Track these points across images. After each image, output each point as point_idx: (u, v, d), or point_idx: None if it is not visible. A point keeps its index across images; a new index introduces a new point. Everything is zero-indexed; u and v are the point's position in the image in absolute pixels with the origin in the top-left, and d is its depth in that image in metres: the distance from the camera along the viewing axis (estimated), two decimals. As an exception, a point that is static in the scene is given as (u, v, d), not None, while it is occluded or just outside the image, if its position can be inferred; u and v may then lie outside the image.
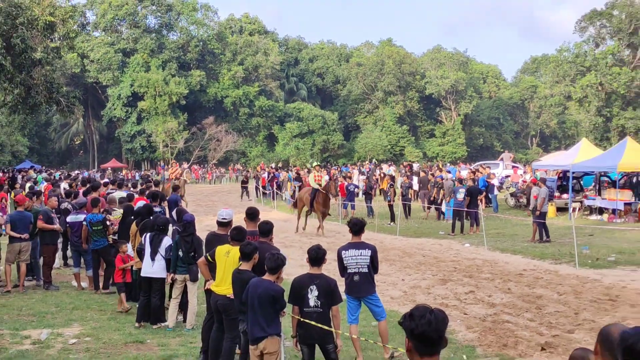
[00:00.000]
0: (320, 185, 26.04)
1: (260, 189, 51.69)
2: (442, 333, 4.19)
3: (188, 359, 11.46)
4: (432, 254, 23.59)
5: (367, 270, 11.17)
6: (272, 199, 46.82)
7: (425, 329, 4.14)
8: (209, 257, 10.93)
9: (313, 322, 9.04)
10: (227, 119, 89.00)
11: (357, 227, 11.56)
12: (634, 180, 34.45)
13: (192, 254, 12.83)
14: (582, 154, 36.60)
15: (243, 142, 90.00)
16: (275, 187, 47.90)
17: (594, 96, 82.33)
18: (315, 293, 9.08)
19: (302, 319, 9.15)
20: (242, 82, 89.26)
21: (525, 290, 17.35)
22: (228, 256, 10.25)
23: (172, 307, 13.69)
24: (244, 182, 54.37)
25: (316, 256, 9.29)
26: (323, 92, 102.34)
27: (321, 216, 24.37)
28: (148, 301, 13.78)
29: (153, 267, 13.52)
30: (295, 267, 14.75)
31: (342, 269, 11.29)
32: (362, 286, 11.23)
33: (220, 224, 11.81)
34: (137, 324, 13.66)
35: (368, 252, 11.17)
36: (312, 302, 9.12)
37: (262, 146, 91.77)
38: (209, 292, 11.11)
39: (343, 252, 11.20)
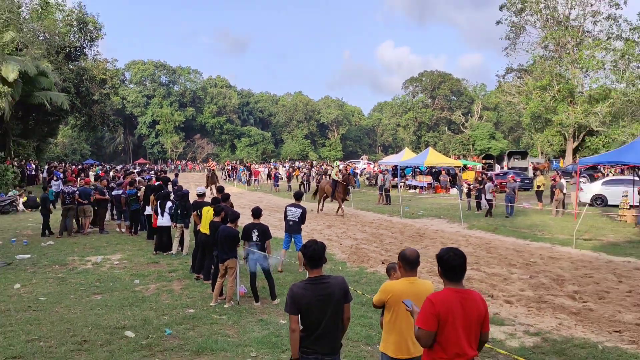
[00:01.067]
0: (338, 178, 23.19)
1: (226, 175, 50.91)
2: (322, 255, 4.26)
3: (184, 272, 11.33)
4: (323, 211, 23.74)
5: (297, 220, 11.31)
6: (234, 181, 46.24)
7: (313, 252, 4.21)
8: (198, 212, 11.32)
9: (256, 250, 9.05)
10: (208, 136, 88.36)
11: (297, 195, 12.19)
12: (433, 170, 35.34)
13: (185, 212, 12.91)
14: (406, 156, 37.26)
15: (217, 149, 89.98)
16: (235, 174, 47.28)
17: (412, 125, 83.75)
18: (257, 233, 9.12)
19: (248, 248, 9.14)
20: (216, 114, 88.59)
21: (374, 231, 17.63)
22: (208, 213, 10.45)
23: (175, 242, 13.52)
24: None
25: (256, 212, 9.49)
26: (263, 121, 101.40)
27: (341, 202, 22.38)
28: (160, 239, 13.59)
29: (163, 220, 13.39)
30: (245, 219, 14.67)
31: (285, 217, 11.57)
32: (293, 228, 11.39)
33: (198, 195, 12.48)
34: (154, 252, 13.42)
35: (299, 210, 11.39)
36: (254, 238, 9.08)
37: (228, 151, 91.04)
38: (196, 233, 11.38)
39: (287, 207, 11.56)
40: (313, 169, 44.67)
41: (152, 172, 32.46)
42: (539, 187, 23.41)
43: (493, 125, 75.28)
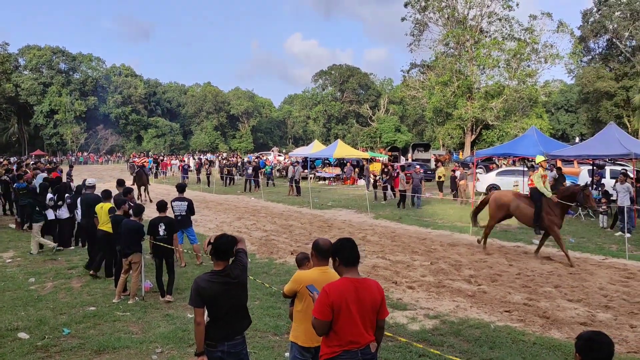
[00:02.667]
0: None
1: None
2: (232, 247, 4.24)
3: (83, 269, 10.76)
4: (233, 204, 23.50)
5: (185, 213, 11.06)
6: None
7: (221, 245, 4.17)
8: (92, 212, 10.39)
9: (162, 244, 8.79)
10: (112, 127, 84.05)
11: (180, 187, 11.87)
12: (342, 161, 35.97)
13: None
14: (315, 148, 37.67)
15: (122, 140, 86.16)
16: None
17: (322, 117, 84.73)
18: (163, 227, 8.85)
19: (155, 242, 8.87)
20: (121, 104, 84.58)
21: (284, 222, 17.68)
22: (102, 209, 9.90)
23: (33, 243, 12.67)
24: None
25: (161, 205, 9.24)
26: (171, 112, 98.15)
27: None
28: (62, 234, 12.97)
29: (61, 212, 12.75)
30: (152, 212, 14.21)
31: (173, 213, 11.13)
32: (182, 222, 11.11)
33: (87, 187, 11.79)
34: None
35: (185, 203, 11.17)
36: (161, 232, 8.79)
37: (134, 142, 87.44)
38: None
39: (172, 202, 11.21)
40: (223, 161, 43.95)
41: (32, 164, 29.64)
42: (440, 177, 24.52)
43: (399, 118, 77.98)
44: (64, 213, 12.78)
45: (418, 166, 27.18)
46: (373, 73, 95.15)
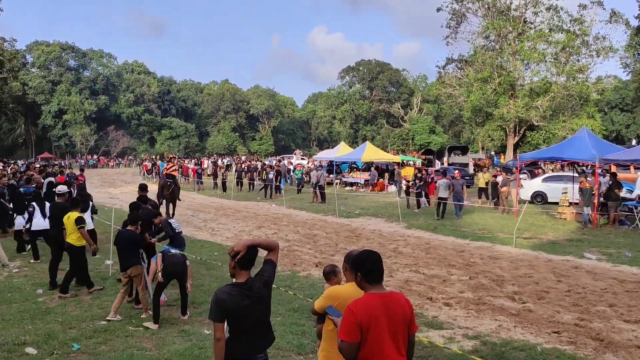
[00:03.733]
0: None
1: (145, 173, 49.44)
2: (255, 256, 4.25)
3: (95, 280, 10.91)
4: (252, 211, 23.65)
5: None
6: (153, 177, 44.93)
7: (246, 254, 4.20)
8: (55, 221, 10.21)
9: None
10: (123, 127, 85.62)
11: (142, 187, 11.57)
12: (371, 165, 35.95)
13: None
14: (342, 151, 37.81)
15: (134, 142, 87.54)
16: (155, 170, 45.90)
17: (348, 117, 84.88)
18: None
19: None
20: (133, 104, 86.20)
21: (307, 231, 17.72)
22: (69, 219, 9.65)
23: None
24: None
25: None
26: (186, 111, 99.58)
27: None
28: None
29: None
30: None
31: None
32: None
33: (58, 195, 11.14)
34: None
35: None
36: (173, 250, 8.36)
37: (146, 144, 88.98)
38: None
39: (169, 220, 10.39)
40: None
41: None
42: (486, 184, 24.13)
43: (433, 118, 77.60)
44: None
45: (459, 171, 26.99)
46: (405, 69, 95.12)
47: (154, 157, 62.54)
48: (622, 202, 18.86)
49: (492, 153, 56.57)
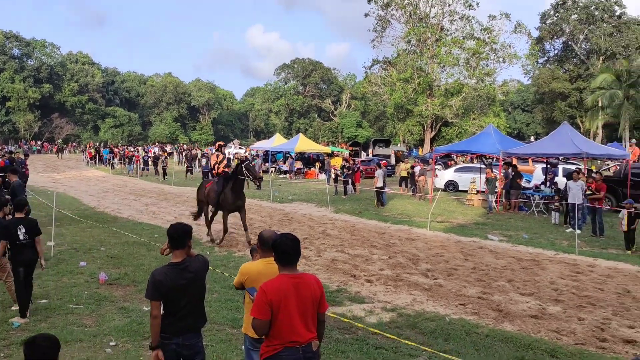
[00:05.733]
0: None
1: (89, 159, 47.47)
2: (186, 235, 4.13)
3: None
4: (192, 196, 23.13)
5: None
6: (95, 164, 43.28)
7: (174, 232, 4.09)
8: None
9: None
10: (67, 115, 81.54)
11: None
12: (304, 156, 35.99)
13: None
14: (277, 142, 37.65)
15: (78, 130, 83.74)
16: (98, 157, 44.21)
17: (284, 111, 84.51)
18: (24, 230, 7.08)
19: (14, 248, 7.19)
20: (77, 93, 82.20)
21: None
22: None
23: None
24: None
25: (21, 205, 7.53)
26: (130, 101, 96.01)
27: None
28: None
29: None
30: (110, 203, 13.88)
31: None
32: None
33: None
34: None
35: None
36: (22, 237, 7.02)
37: (90, 132, 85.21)
38: None
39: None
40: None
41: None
42: (409, 173, 24.52)
43: (360, 114, 78.40)
44: None
45: (385, 161, 27.47)
46: (336, 68, 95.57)
47: (97, 144, 60.28)
48: (522, 190, 19.76)
49: (412, 146, 57.84)
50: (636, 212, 12.28)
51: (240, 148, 55.25)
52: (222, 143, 17.12)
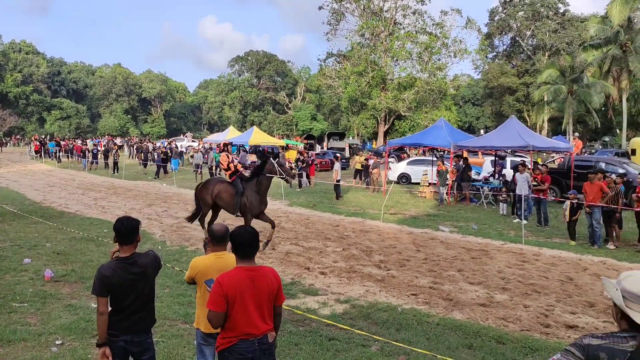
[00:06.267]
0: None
1: (34, 153, 45.76)
2: (134, 230, 4.05)
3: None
4: (143, 190, 22.72)
5: None
6: (41, 157, 41.79)
7: (120, 228, 3.99)
8: None
9: None
10: (10, 107, 78.13)
11: None
12: (258, 149, 35.74)
13: None
14: (231, 135, 37.26)
15: (22, 122, 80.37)
16: (44, 151, 42.66)
17: (238, 103, 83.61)
18: None
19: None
20: (21, 83, 78.82)
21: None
22: None
23: None
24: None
25: None
26: (77, 93, 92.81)
27: None
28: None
29: None
30: (56, 197, 13.37)
31: None
32: None
33: None
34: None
35: None
36: None
37: (35, 125, 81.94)
38: None
39: None
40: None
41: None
42: (363, 166, 24.73)
43: (315, 107, 78.46)
44: None
45: (339, 154, 27.59)
46: (290, 61, 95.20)
47: (43, 137, 58.07)
48: (472, 182, 20.24)
49: (366, 139, 58.33)
50: (578, 203, 12.78)
51: (193, 141, 54.41)
52: (227, 142, 15.50)
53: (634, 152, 30.99)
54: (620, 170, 17.58)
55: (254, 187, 10.86)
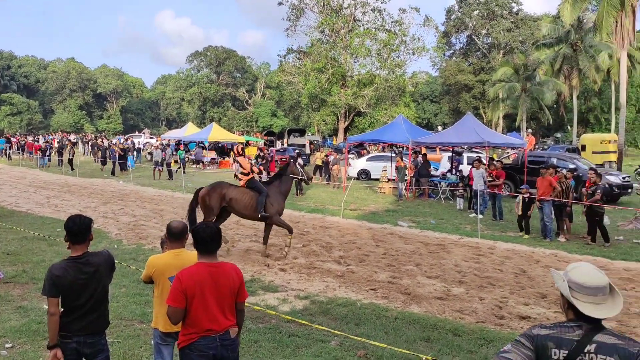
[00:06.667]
0: None
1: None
2: (86, 229, 3.94)
3: None
4: (99, 188, 22.17)
5: None
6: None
7: (72, 227, 3.87)
8: None
9: None
10: (-43, 102, 75.18)
11: None
12: (218, 145, 35.41)
13: None
14: (189, 131, 36.86)
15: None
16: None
17: (197, 99, 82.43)
18: None
19: None
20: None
21: (154, 206, 17.03)
22: None
23: None
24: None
25: None
26: (28, 88, 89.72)
27: None
28: None
29: None
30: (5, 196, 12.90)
31: None
32: None
33: None
34: None
35: None
36: None
37: (-16, 120, 79.00)
38: None
39: None
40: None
41: None
42: (323, 162, 24.79)
43: (275, 103, 78.22)
44: None
45: (299, 150, 27.59)
46: (250, 57, 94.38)
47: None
48: (430, 178, 20.57)
49: (326, 135, 58.47)
50: (531, 197, 13.15)
51: (151, 137, 53.45)
52: (243, 146, 14.73)
53: (584, 147, 32.14)
54: (571, 166, 18.19)
55: (276, 188, 10.64)
